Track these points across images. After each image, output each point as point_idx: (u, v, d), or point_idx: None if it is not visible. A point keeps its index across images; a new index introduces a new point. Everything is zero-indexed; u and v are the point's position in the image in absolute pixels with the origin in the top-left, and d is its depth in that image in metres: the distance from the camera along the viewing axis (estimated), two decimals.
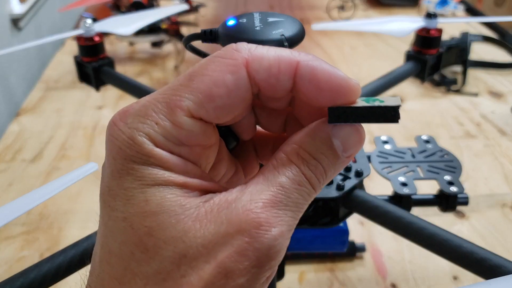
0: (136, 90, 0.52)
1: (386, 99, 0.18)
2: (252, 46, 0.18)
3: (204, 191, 0.18)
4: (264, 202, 0.17)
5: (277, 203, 0.17)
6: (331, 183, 0.35)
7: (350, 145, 0.19)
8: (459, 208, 0.52)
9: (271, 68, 0.18)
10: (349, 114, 0.18)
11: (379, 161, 0.43)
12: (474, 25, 1.08)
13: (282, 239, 0.17)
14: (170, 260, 0.16)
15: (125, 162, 0.17)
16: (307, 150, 0.18)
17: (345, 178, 0.35)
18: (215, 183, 0.19)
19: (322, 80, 0.18)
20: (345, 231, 0.49)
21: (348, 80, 0.18)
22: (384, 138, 0.46)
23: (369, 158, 0.42)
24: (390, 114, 0.18)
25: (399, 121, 0.18)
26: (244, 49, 0.18)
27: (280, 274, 0.42)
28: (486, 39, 0.98)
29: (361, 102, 0.18)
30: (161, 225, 0.17)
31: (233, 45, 0.18)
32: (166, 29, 0.90)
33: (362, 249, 0.51)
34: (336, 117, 0.18)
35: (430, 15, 0.52)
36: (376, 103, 0.18)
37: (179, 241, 0.16)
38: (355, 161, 0.37)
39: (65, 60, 0.98)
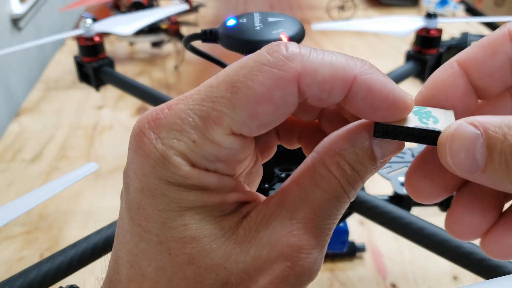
0: (136, 90, 0.52)
1: (439, 113, 0.17)
2: (305, 52, 0.16)
3: (239, 203, 0.17)
4: (305, 223, 0.16)
5: (318, 223, 0.16)
6: None
7: (389, 152, 0.17)
8: None
9: (324, 84, 0.16)
10: (400, 133, 0.16)
11: None
12: (474, 25, 1.08)
13: (321, 259, 0.17)
14: None
15: (160, 182, 0.16)
16: (347, 159, 0.17)
17: None
18: (248, 191, 0.18)
19: (378, 98, 0.16)
20: (345, 231, 0.49)
21: (405, 98, 0.16)
22: None
23: None
24: (432, 138, 0.16)
25: None
26: (297, 58, 0.15)
27: None
28: None
29: (412, 117, 0.17)
30: (202, 251, 0.16)
31: (283, 49, 0.16)
32: (166, 29, 0.90)
33: (362, 249, 0.51)
34: (384, 134, 0.17)
35: (430, 15, 0.52)
36: (430, 123, 0.16)
37: (221, 268, 0.16)
38: None
39: (65, 60, 0.98)
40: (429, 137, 0.16)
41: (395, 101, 0.16)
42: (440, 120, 0.17)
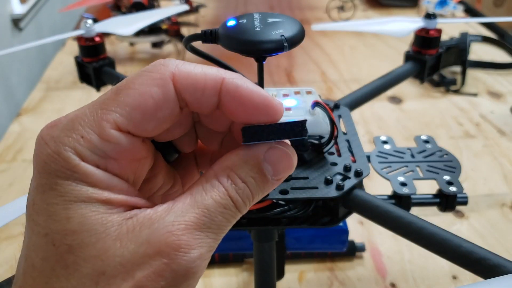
0: None
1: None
2: (180, 62, 0.19)
3: (130, 207, 0.18)
4: (186, 224, 0.18)
5: (200, 225, 0.18)
6: (330, 182, 0.35)
7: (280, 169, 0.20)
8: (459, 208, 0.52)
9: (197, 83, 0.18)
10: (261, 133, 0.19)
11: (378, 161, 0.43)
12: (474, 26, 1.08)
13: (200, 260, 0.18)
14: (88, 277, 0.17)
15: (50, 176, 0.17)
16: (237, 173, 0.19)
17: (345, 178, 0.35)
18: (141, 198, 0.19)
19: (245, 97, 0.19)
20: (345, 231, 0.49)
21: (271, 99, 0.19)
22: (383, 138, 0.46)
23: (368, 158, 0.42)
24: (298, 129, 0.19)
25: (306, 135, 0.19)
26: (172, 64, 0.19)
27: (280, 274, 0.43)
28: (485, 39, 0.98)
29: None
30: (81, 243, 0.17)
31: (161, 60, 0.19)
32: (167, 30, 0.90)
33: (361, 248, 0.51)
34: (250, 137, 0.19)
35: (429, 16, 0.52)
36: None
37: (98, 259, 0.17)
38: (354, 161, 0.38)
39: (65, 61, 0.98)
40: (286, 130, 0.19)
41: (261, 101, 0.19)
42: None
